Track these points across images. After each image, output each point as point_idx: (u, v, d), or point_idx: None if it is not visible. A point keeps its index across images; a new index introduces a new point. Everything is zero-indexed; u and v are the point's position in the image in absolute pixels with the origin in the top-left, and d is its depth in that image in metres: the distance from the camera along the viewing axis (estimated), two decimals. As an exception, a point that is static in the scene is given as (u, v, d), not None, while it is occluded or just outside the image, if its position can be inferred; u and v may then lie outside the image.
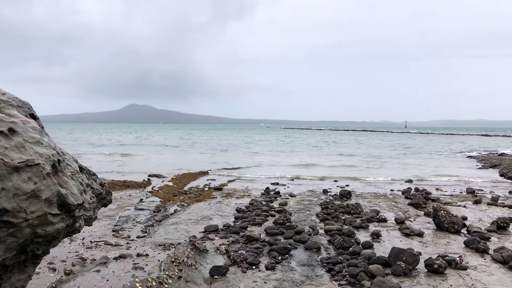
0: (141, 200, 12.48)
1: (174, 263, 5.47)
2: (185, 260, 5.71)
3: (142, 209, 11.14)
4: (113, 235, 8.39)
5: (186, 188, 15.37)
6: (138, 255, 6.96)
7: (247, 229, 8.93)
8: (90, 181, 4.09)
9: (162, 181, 16.84)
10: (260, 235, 8.20)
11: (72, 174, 3.59)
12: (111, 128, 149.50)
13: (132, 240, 8.05)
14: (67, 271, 6.00)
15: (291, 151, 39.41)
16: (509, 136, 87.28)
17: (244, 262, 6.46)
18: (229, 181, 17.28)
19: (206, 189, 15.08)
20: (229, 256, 6.66)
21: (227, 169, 22.39)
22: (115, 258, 6.73)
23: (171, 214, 10.53)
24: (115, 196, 12.97)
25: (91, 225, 4.15)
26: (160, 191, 14.26)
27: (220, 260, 6.44)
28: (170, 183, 16.16)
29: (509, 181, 18.35)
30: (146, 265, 6.40)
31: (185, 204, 11.88)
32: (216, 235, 8.37)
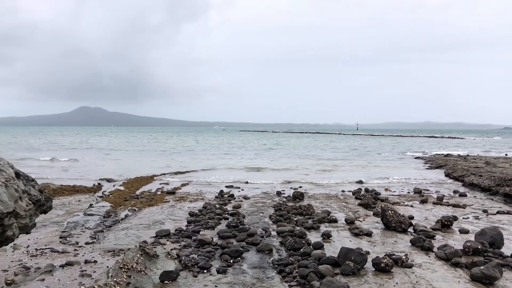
0: (91, 205, 12.15)
1: (123, 269, 5.34)
2: (134, 266, 5.59)
3: (92, 215, 10.83)
4: (60, 242, 8.11)
5: (138, 192, 15.08)
6: (86, 262, 6.75)
7: (200, 232, 8.86)
8: (27, 187, 3.93)
9: (113, 186, 16.45)
10: (212, 238, 8.16)
11: (6, 181, 3.43)
12: (60, 131, 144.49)
13: (80, 246, 7.80)
14: (8, 281, 5.73)
15: (246, 154, 39.49)
16: (454, 138, 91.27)
17: (196, 266, 6.41)
18: (183, 185, 17.10)
19: (159, 193, 14.85)
20: (180, 260, 6.59)
21: (181, 172, 22.14)
22: (62, 266, 6.50)
23: (121, 219, 10.30)
24: (63, 202, 12.58)
25: (29, 233, 3.99)
26: (111, 195, 13.92)
27: (171, 265, 6.35)
28: (122, 188, 15.81)
29: (453, 181, 19.14)
30: (94, 272, 6.22)
31: (137, 209, 11.65)
32: (167, 240, 8.26)
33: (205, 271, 6.28)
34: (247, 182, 18.14)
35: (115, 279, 5.03)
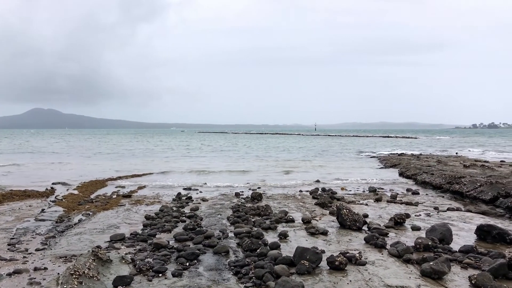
0: (42, 210, 11.74)
1: (74, 276, 5.19)
2: (86, 272, 5.45)
3: (44, 220, 10.46)
4: (8, 249, 7.79)
5: (93, 196, 14.70)
6: (36, 269, 6.52)
7: (156, 236, 8.73)
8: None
9: (67, 190, 15.97)
10: (168, 241, 8.07)
11: None
12: (11, 134, 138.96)
13: (30, 253, 7.52)
14: (-49, 292, 5.47)
15: (205, 155, 39.28)
16: (408, 138, 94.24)
17: (150, 270, 6.31)
18: (139, 188, 16.81)
19: (114, 196, 14.53)
20: (135, 265, 6.47)
21: (138, 175, 21.74)
22: (9, 274, 6.24)
23: (75, 224, 10.01)
24: (13, 207, 12.12)
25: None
26: (64, 200, 13.51)
27: (125, 270, 6.23)
28: (76, 192, 15.38)
29: (406, 179, 19.73)
30: (44, 279, 6.01)
31: (91, 213, 11.36)
32: (122, 244, 8.09)
33: (160, 275, 6.19)
34: (205, 184, 18.03)
35: (65, 286, 4.89)
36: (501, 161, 27.11)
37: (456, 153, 38.68)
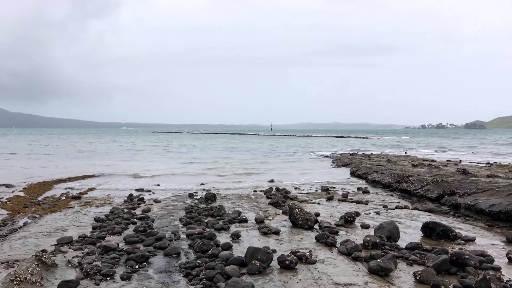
0: (-17, 214, 11.21)
1: (15, 282, 4.98)
2: (28, 277, 5.23)
3: (-15, 224, 9.99)
4: None
5: (40, 198, 14.17)
6: (-25, 276, 6.21)
7: (105, 238, 8.52)
8: None
9: (13, 192, 15.31)
10: (118, 244, 7.88)
11: None
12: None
13: (-32, 260, 7.16)
14: None
15: (159, 156, 38.72)
16: (360, 138, 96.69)
17: (98, 273, 6.14)
18: (90, 189, 16.35)
19: (63, 198, 14.07)
20: (82, 268, 6.28)
21: (88, 176, 21.13)
22: None
23: (19, 228, 9.62)
24: (-48, 211, 11.48)
25: None
26: (8, 202, 12.94)
27: (72, 274, 6.03)
28: (22, 194, 14.77)
29: (358, 178, 20.22)
30: (-17, 286, 5.74)
31: (38, 216, 10.94)
32: (69, 248, 7.83)
33: (108, 278, 6.04)
34: (158, 185, 17.75)
35: (5, 293, 4.68)
36: (447, 160, 28.29)
37: (405, 152, 40.01)
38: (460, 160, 28.95)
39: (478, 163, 26.53)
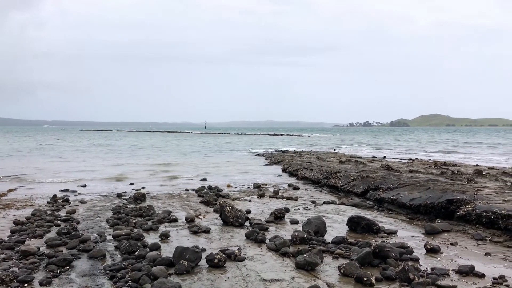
0: None
1: None
2: None
3: None
4: None
5: (-49, 202, 13.13)
6: None
7: (25, 242, 8.04)
8: None
9: None
10: (39, 248, 7.46)
11: None
12: None
13: None
14: None
15: (85, 154, 37.19)
16: (293, 135, 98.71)
17: (15, 280, 5.78)
18: (9, 190, 15.37)
19: (-22, 201, 13.13)
20: (-3, 276, 5.88)
21: (8, 176, 19.89)
22: None
23: None
24: None
25: None
26: None
27: (-16, 283, 5.64)
28: None
29: (289, 175, 20.59)
30: None
31: None
32: (-16, 254, 7.32)
33: (25, 284, 5.70)
34: (85, 186, 17.03)
35: None
36: (373, 157, 29.58)
37: (334, 149, 41.32)
38: (385, 157, 30.38)
39: (401, 159, 27.97)
